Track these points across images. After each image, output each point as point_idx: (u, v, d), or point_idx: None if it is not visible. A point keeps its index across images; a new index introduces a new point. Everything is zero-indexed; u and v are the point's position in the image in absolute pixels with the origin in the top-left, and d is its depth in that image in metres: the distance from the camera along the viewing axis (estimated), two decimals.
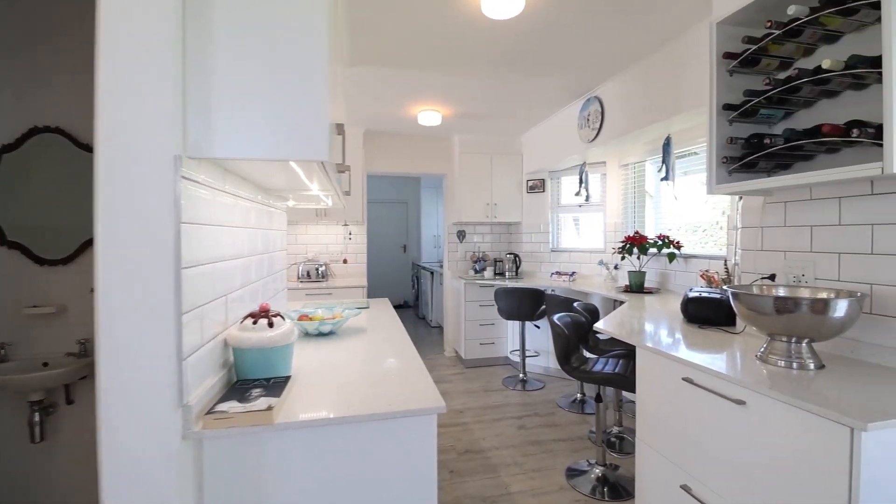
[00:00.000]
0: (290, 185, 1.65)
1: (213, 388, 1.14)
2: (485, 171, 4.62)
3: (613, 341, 2.78)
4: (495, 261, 4.85)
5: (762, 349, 1.47)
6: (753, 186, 1.56)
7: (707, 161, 1.75)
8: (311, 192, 1.83)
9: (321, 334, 1.86)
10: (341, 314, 2.01)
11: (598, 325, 2.13)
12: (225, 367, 1.26)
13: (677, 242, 3.19)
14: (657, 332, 2.00)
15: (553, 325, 2.38)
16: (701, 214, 3.27)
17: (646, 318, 2.36)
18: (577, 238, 4.52)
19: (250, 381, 1.21)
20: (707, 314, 2.11)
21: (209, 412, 1.03)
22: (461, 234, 4.93)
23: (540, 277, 4.54)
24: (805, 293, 1.52)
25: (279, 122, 1.05)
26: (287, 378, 1.22)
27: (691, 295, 2.20)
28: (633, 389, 1.88)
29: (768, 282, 1.79)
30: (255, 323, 1.25)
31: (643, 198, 3.90)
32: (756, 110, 1.63)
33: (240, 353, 1.23)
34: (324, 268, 4.37)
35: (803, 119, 1.63)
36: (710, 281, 2.88)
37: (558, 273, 4.31)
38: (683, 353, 1.57)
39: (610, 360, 2.44)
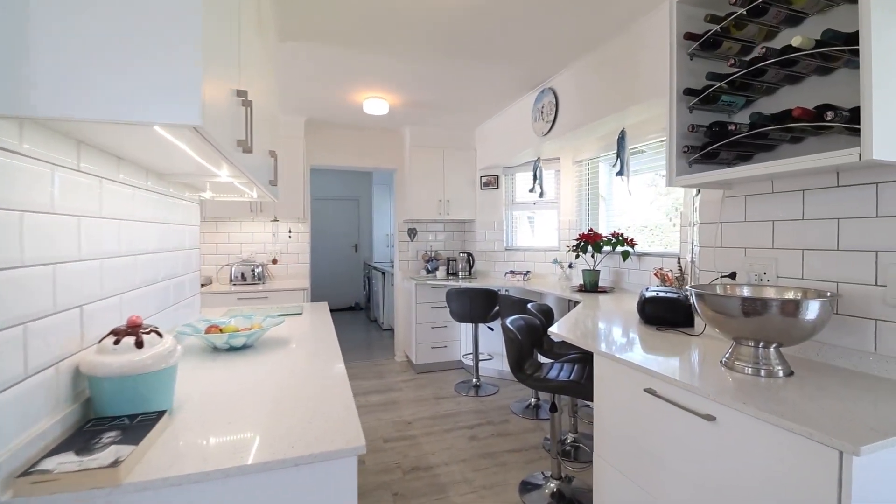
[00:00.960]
0: (187, 167, 1.34)
1: (47, 435, 0.84)
2: (437, 166, 4.41)
3: (570, 343, 2.65)
4: (448, 260, 4.65)
5: (727, 355, 1.34)
6: (716, 177, 1.44)
7: (667, 152, 1.62)
8: (220, 180, 1.53)
9: (233, 349, 1.56)
10: (261, 324, 1.71)
11: (553, 330, 1.97)
12: (75, 403, 0.95)
13: (631, 240, 3.12)
14: (613, 335, 1.86)
15: (505, 329, 2.20)
16: (649, 213, 3.23)
17: (601, 320, 2.23)
18: (531, 236, 4.41)
19: (107, 420, 0.91)
20: (664, 315, 2.01)
21: (26, 472, 0.73)
22: (412, 233, 4.69)
23: (494, 277, 4.39)
24: (770, 293, 1.41)
25: (132, 72, 0.77)
26: (159, 414, 0.94)
27: (648, 295, 2.09)
28: (590, 398, 1.72)
29: (729, 280, 1.68)
30: (117, 343, 0.95)
31: (597, 195, 3.83)
32: (717, 97, 1.52)
33: (95, 383, 0.93)
34: (260, 269, 3.99)
35: (765, 106, 1.53)
36: (664, 279, 2.81)
37: (512, 272, 4.17)
38: (643, 359, 1.42)
39: (566, 364, 2.30)
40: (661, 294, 2.06)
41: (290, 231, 4.24)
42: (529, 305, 2.78)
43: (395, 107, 3.71)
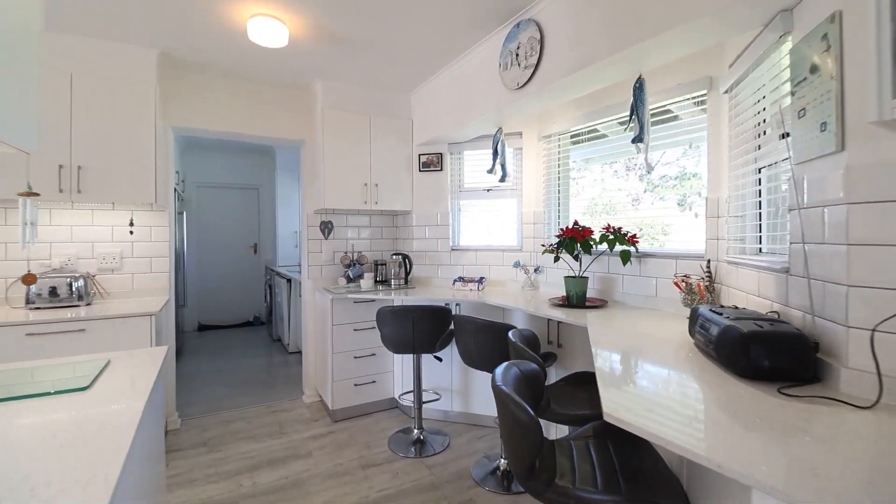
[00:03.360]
0: None
1: None
2: (362, 137, 3.28)
3: (571, 392, 1.72)
4: (376, 264, 3.54)
5: None
6: None
7: (874, 64, 0.73)
8: None
9: None
10: None
11: (620, 420, 1.00)
12: None
13: (633, 237, 2.31)
14: (714, 411, 0.94)
15: (500, 395, 1.19)
16: (651, 203, 2.45)
17: (643, 363, 1.34)
18: (484, 233, 3.47)
19: None
20: (775, 361, 1.16)
21: None
22: (327, 228, 3.50)
23: (438, 286, 3.37)
24: None
25: None
26: None
27: (740, 326, 1.22)
28: None
29: None
30: None
31: (568, 181, 3.00)
32: None
33: None
34: (82, 283, 2.54)
35: None
36: (689, 290, 2.01)
37: (462, 280, 3.20)
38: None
39: (591, 445, 1.35)
40: (768, 328, 1.21)
41: (131, 224, 2.81)
42: (512, 334, 1.81)
43: (298, 38, 2.52)
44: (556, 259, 2.53)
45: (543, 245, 2.69)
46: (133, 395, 1.08)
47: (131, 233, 2.79)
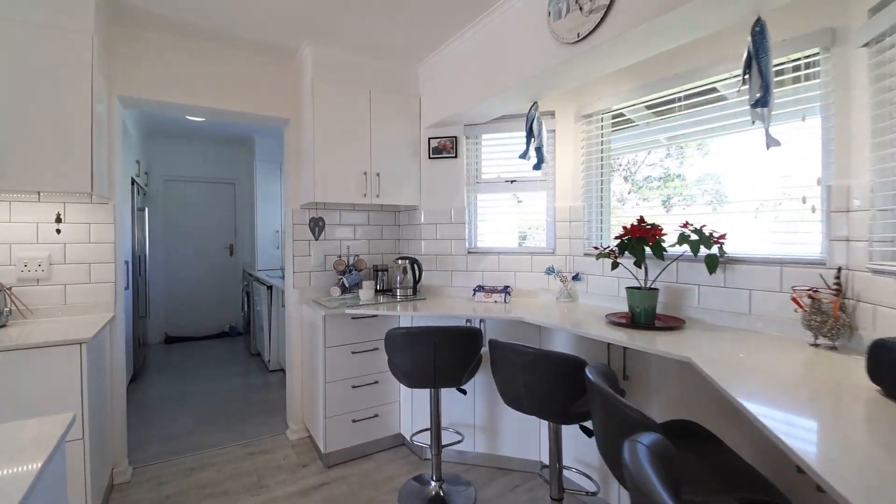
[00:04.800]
0: None
1: None
2: (360, 116, 2.69)
3: (687, 459, 1.19)
4: (376, 270, 2.96)
5: None
6: None
7: None
8: None
9: None
10: None
11: None
12: None
13: (721, 237, 1.79)
14: None
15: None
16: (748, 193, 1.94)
17: (853, 441, 0.79)
18: (506, 232, 2.92)
19: None
20: None
21: None
22: (318, 226, 2.90)
23: (454, 297, 2.81)
24: None
25: None
26: None
27: None
28: None
29: None
30: None
31: (610, 170, 2.49)
32: None
33: None
34: None
35: None
36: (817, 309, 1.51)
37: (483, 289, 2.64)
38: None
39: None
40: None
41: (59, 221, 2.16)
42: (590, 371, 1.27)
43: None
44: (615, 266, 2.01)
45: (597, 248, 2.16)
46: None
47: (58, 231, 2.14)
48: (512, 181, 2.82)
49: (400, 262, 2.76)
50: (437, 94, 2.75)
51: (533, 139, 2.37)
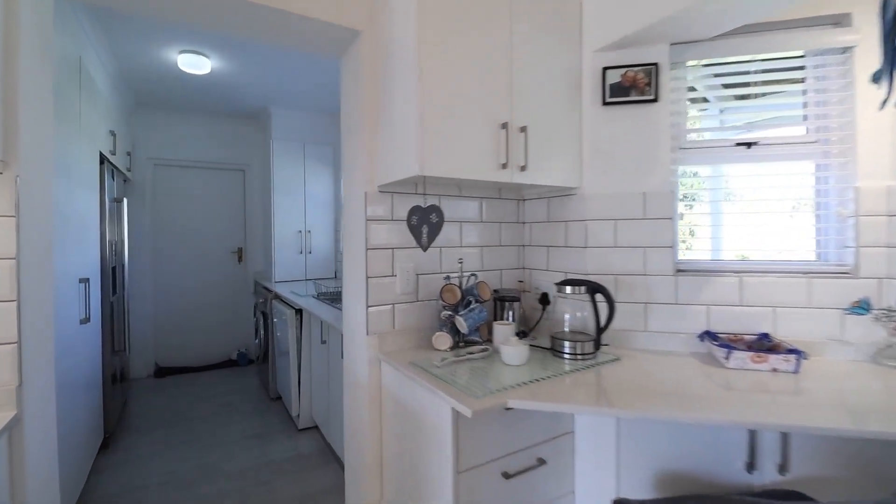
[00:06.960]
0: None
1: None
2: (491, 23, 1.47)
3: None
4: (501, 300, 1.72)
5: None
6: None
7: None
8: None
9: None
10: None
11: None
12: None
13: None
14: None
15: None
16: None
17: None
18: (737, 237, 1.69)
19: None
20: None
21: None
22: (427, 222, 1.65)
23: (656, 351, 1.58)
24: None
25: None
26: None
27: None
28: None
29: None
30: None
31: None
32: None
33: None
34: None
35: None
36: None
37: (728, 346, 1.41)
38: None
39: None
40: None
41: None
42: None
43: None
44: None
45: None
46: None
47: None
48: (749, 145, 1.59)
49: (573, 291, 1.51)
50: None
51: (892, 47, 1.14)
